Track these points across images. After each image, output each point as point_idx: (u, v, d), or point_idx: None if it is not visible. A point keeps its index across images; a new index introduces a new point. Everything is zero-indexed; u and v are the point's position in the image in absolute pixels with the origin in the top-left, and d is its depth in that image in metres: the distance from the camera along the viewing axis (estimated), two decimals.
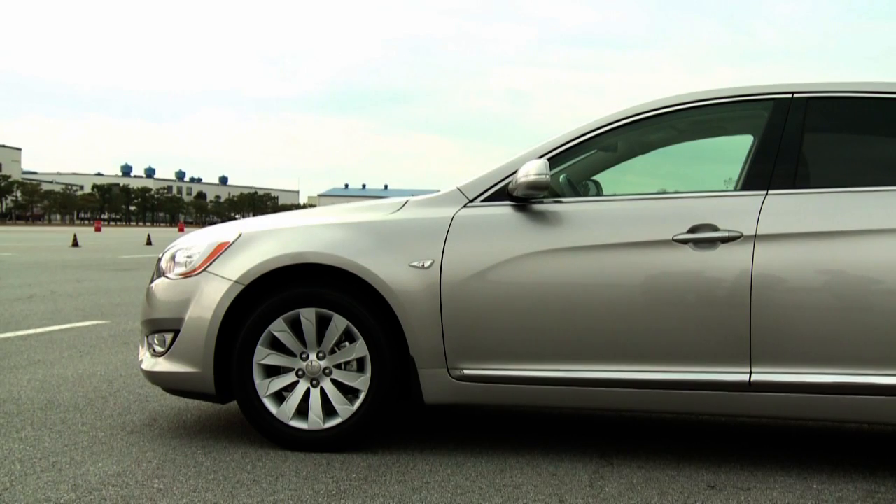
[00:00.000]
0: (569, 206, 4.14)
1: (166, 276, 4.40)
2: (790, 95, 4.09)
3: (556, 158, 4.23)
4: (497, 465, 3.95)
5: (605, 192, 4.55)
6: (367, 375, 4.09)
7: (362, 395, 4.11)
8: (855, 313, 3.77)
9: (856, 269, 3.78)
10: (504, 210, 4.15)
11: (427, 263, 4.07)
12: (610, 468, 3.93)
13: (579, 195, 4.40)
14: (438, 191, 4.40)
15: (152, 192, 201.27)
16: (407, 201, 4.36)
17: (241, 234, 4.34)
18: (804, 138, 4.05)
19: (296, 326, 4.16)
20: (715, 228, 3.89)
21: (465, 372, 4.05)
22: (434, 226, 4.15)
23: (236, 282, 4.16)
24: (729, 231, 3.86)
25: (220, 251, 4.29)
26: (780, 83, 4.15)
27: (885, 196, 3.87)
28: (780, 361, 3.81)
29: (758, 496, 3.57)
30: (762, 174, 4.00)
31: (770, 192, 3.94)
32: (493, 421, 4.95)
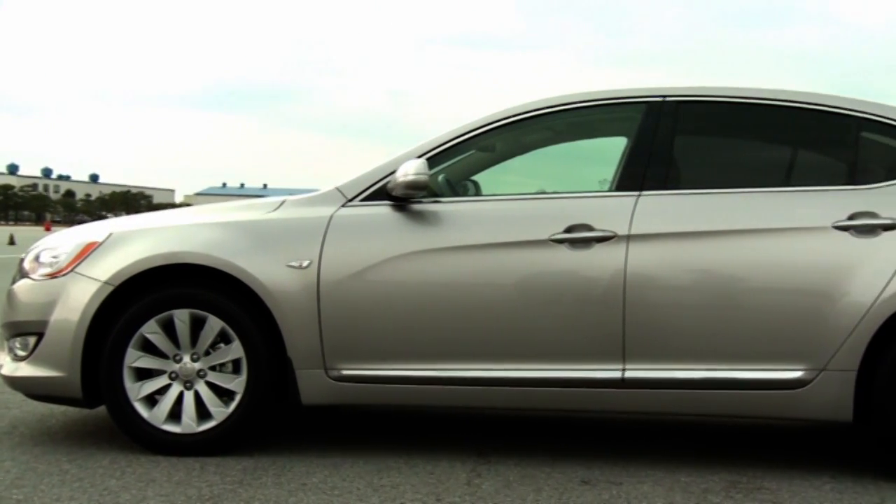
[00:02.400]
0: (447, 206, 4.16)
1: (30, 277, 4.21)
2: (662, 99, 4.21)
3: (435, 158, 4.24)
4: (375, 465, 3.94)
5: (483, 192, 4.59)
6: (243, 377, 4.02)
7: (238, 398, 4.03)
8: (723, 311, 3.90)
9: (724, 267, 3.92)
10: (382, 210, 4.14)
11: (305, 263, 4.03)
12: (487, 466, 3.97)
13: (458, 195, 4.42)
14: (317, 190, 4.36)
15: (15, 190, 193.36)
16: (284, 201, 4.30)
17: (111, 234, 4.20)
18: (675, 141, 4.17)
19: (169, 328, 4.05)
20: (590, 228, 3.96)
21: (344, 372, 4.02)
22: (312, 225, 4.11)
23: (106, 283, 4.03)
24: (603, 231, 3.95)
25: (88, 251, 4.14)
26: (652, 86, 4.27)
27: (752, 197, 4.02)
28: (652, 358, 3.91)
29: (629, 490, 3.65)
30: (635, 175, 4.10)
31: (643, 193, 4.04)
32: (371, 421, 4.93)
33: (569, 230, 3.97)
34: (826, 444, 4.65)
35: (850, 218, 3.85)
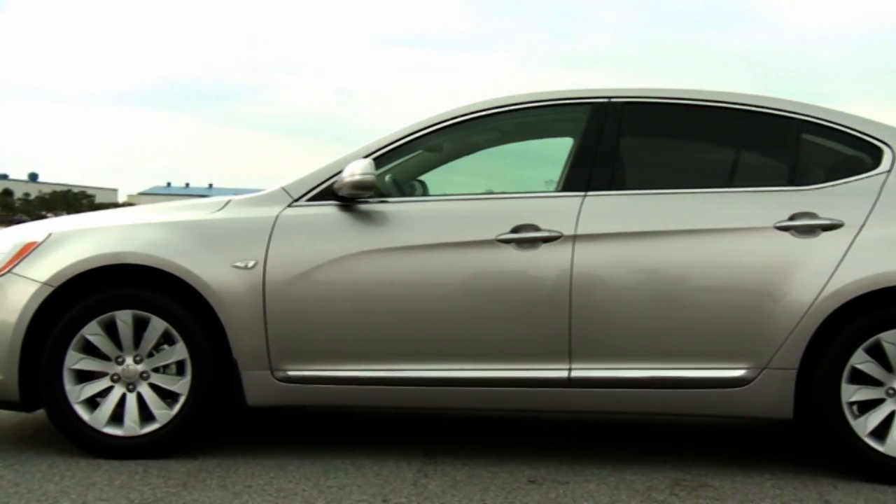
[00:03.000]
0: (394, 206, 4.16)
1: None
2: (607, 100, 4.24)
3: (382, 158, 4.23)
4: (321, 466, 3.91)
5: (431, 193, 4.58)
6: (187, 379, 3.97)
7: (182, 399, 3.97)
8: (668, 310, 3.95)
9: (668, 267, 3.96)
10: (329, 210, 4.12)
11: (250, 264, 3.99)
12: (434, 466, 3.96)
13: (405, 195, 4.41)
14: (263, 190, 4.33)
15: None
16: (230, 200, 4.26)
17: (50, 234, 4.11)
18: (621, 142, 4.20)
19: (111, 330, 3.98)
20: (537, 229, 3.98)
21: (290, 373, 4.00)
22: (257, 225, 4.08)
23: (45, 283, 3.95)
24: (550, 231, 3.97)
25: (26, 252, 4.05)
26: (597, 87, 4.30)
27: (696, 198, 4.07)
28: (598, 358, 3.94)
29: (575, 489, 3.67)
30: (581, 176, 4.13)
31: (589, 193, 4.07)
32: (318, 422, 4.90)
33: (515, 230, 3.98)
34: (767, 442, 4.73)
35: (791, 218, 3.92)
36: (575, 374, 3.93)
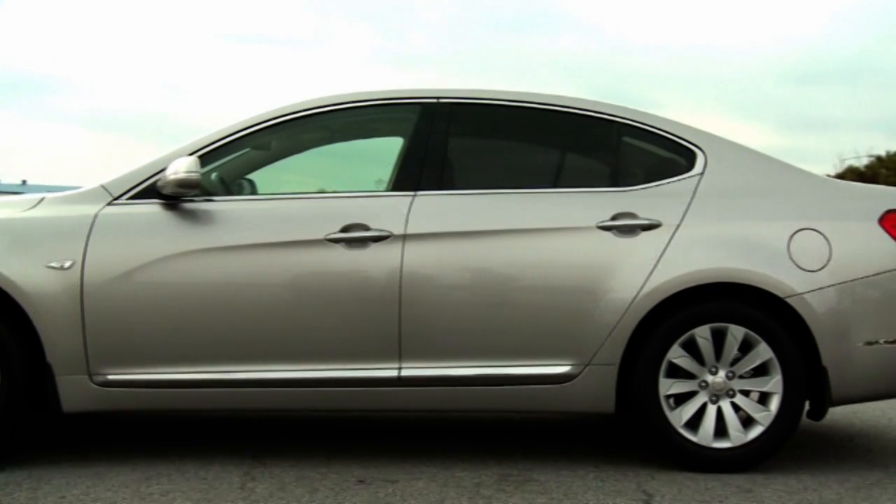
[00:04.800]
0: (221, 205, 4.07)
1: None
2: (436, 100, 4.28)
3: (208, 156, 4.14)
4: (143, 472, 3.78)
5: (259, 192, 4.50)
6: None
7: None
8: (495, 309, 4.01)
9: (496, 266, 4.03)
10: (152, 208, 3.99)
11: (67, 264, 3.82)
12: (262, 469, 3.89)
13: (232, 194, 4.32)
14: (81, 188, 4.15)
15: None
16: (43, 198, 4.07)
17: None
18: (449, 142, 4.24)
19: None
20: (366, 228, 3.97)
21: (110, 377, 3.85)
22: (74, 224, 3.91)
23: None
24: (379, 231, 3.96)
25: None
26: (427, 88, 4.33)
27: (523, 198, 4.15)
28: (427, 356, 3.96)
29: (404, 487, 3.68)
30: (411, 176, 4.14)
31: (418, 193, 4.09)
32: (139, 428, 4.74)
33: (345, 230, 3.96)
34: (590, 436, 4.87)
35: (613, 218, 4.04)
36: (405, 372, 3.94)
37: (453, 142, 4.27)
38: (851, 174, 43.43)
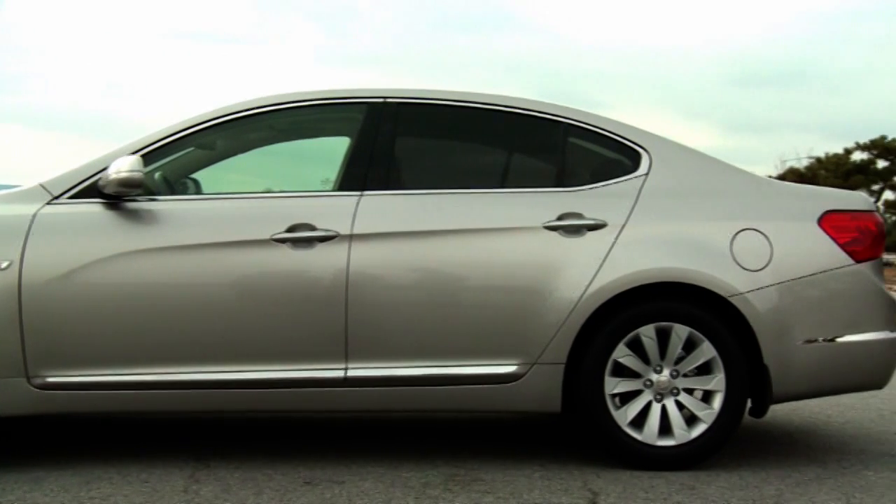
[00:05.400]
0: (165, 205, 4.02)
1: None
2: (383, 100, 4.26)
3: (151, 155, 4.09)
4: (84, 476, 3.71)
5: (205, 191, 4.45)
6: None
7: None
8: (442, 309, 4.01)
9: (443, 266, 4.02)
10: (94, 208, 3.93)
11: (4, 264, 3.75)
12: (206, 471, 3.85)
13: (177, 193, 4.27)
14: (18, 187, 4.07)
15: None
16: None
17: None
18: (396, 142, 4.23)
19: None
20: (312, 228, 3.95)
21: (49, 380, 3.78)
22: (12, 224, 3.84)
23: None
24: (326, 231, 3.94)
25: None
26: (373, 87, 4.31)
27: (470, 198, 4.15)
28: (374, 357, 3.95)
29: (351, 488, 3.66)
30: (357, 176, 4.13)
31: (365, 193, 4.07)
32: (80, 430, 4.66)
33: (291, 230, 3.94)
34: (537, 435, 4.89)
35: (560, 218, 4.06)
36: (351, 373, 3.92)
37: (400, 142, 4.26)
38: (792, 175, 44.21)
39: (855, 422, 5.25)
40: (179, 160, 4.33)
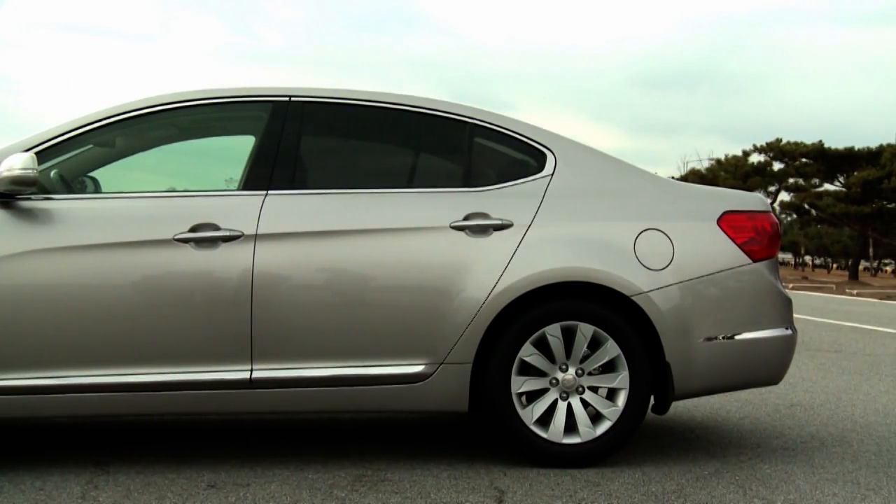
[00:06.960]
0: (61, 204, 3.91)
1: None
2: (288, 99, 4.22)
3: (47, 153, 3.97)
4: None
5: (104, 190, 4.34)
6: None
7: None
8: (349, 309, 3.98)
9: (349, 266, 4.00)
10: None
11: None
12: (105, 476, 3.75)
13: (74, 192, 4.15)
14: None
15: None
16: None
17: None
18: (301, 141, 4.19)
19: None
20: (216, 228, 3.88)
21: None
22: None
23: None
24: (230, 230, 3.88)
25: None
26: (278, 86, 4.26)
27: (376, 198, 4.13)
28: (280, 358, 3.90)
29: (256, 491, 3.61)
30: (262, 175, 4.08)
31: (270, 192, 4.02)
32: None
33: (194, 229, 3.87)
34: (444, 435, 4.90)
35: (466, 218, 4.08)
36: (256, 374, 3.87)
37: (305, 141, 4.23)
38: (694, 176, 45.29)
39: (752, 417, 5.40)
40: (77, 158, 4.22)
